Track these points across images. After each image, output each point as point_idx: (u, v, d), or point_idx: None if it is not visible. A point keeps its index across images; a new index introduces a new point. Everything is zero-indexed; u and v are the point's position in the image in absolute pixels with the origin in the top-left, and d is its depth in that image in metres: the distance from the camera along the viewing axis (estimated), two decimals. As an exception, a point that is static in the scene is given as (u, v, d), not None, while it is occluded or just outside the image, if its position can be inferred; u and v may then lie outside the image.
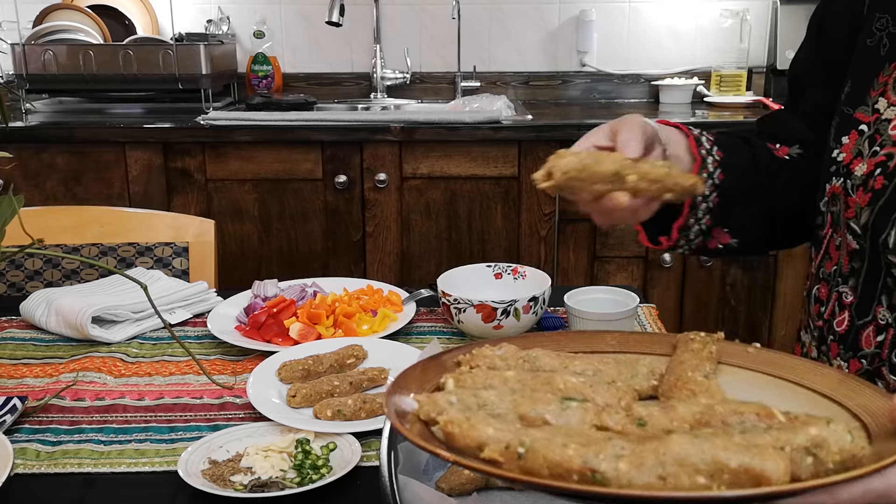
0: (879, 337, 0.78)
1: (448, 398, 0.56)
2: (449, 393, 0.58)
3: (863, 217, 0.78)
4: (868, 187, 0.78)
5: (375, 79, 2.75)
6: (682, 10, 2.77)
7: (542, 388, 0.60)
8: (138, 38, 2.64)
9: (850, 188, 0.80)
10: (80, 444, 0.89)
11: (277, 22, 2.79)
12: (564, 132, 2.17)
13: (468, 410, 0.55)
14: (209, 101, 2.45)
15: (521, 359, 0.66)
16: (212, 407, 0.98)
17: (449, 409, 0.54)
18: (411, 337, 1.18)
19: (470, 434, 0.51)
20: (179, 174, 2.23)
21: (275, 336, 1.15)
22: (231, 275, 2.25)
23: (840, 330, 0.83)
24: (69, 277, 1.56)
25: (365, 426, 0.88)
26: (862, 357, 0.80)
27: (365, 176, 2.23)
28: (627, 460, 0.47)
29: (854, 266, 0.80)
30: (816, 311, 0.87)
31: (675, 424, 0.55)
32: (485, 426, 0.51)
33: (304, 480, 0.79)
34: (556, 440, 0.49)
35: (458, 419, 0.52)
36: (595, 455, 0.48)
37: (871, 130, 0.80)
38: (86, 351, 1.14)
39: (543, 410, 0.55)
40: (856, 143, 0.81)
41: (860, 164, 0.79)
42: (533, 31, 2.79)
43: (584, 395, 0.59)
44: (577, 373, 0.64)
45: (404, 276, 2.29)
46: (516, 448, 0.49)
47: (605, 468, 0.47)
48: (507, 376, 0.62)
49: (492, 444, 0.50)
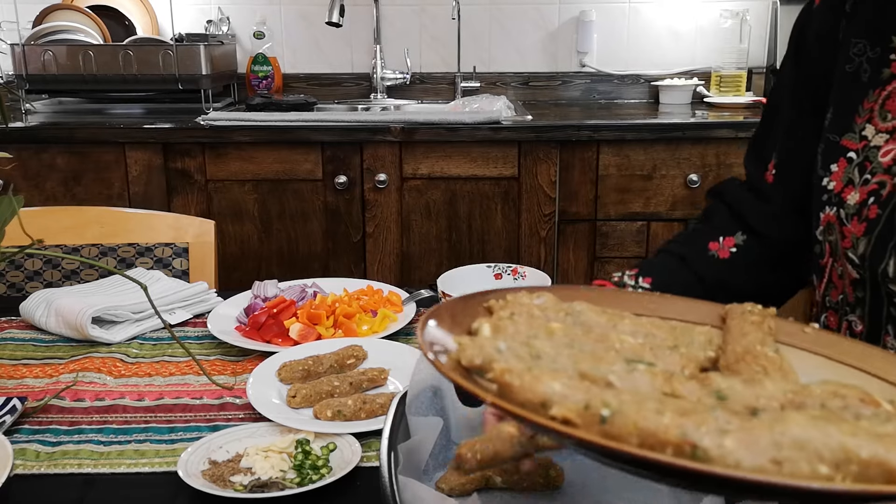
0: None
1: (496, 343, 0.47)
2: (496, 338, 0.49)
3: (860, 247, 0.77)
4: (862, 216, 0.77)
5: (375, 79, 2.75)
6: (681, 10, 2.77)
7: (597, 346, 0.52)
8: (138, 38, 2.65)
9: (845, 217, 0.79)
10: (80, 444, 0.89)
11: (277, 22, 2.79)
12: (564, 132, 2.17)
13: (522, 361, 0.46)
14: (209, 102, 2.45)
15: (564, 311, 0.58)
16: (212, 407, 0.98)
17: (497, 357, 0.46)
18: (411, 337, 1.18)
19: (534, 388, 0.43)
20: (179, 175, 2.23)
21: (275, 336, 1.15)
22: (231, 275, 2.25)
23: None
24: (69, 278, 1.56)
25: (365, 426, 0.88)
26: None
27: (365, 176, 2.23)
28: (735, 437, 0.39)
29: (858, 296, 0.79)
30: None
31: (763, 402, 0.46)
32: (551, 380, 0.43)
33: (304, 481, 0.79)
34: (648, 404, 0.41)
35: (518, 368, 0.44)
36: (696, 427, 0.40)
37: (860, 158, 0.79)
38: (86, 351, 1.14)
39: (608, 370, 0.46)
40: (845, 171, 0.80)
41: (852, 192, 0.78)
42: (533, 31, 2.79)
43: (647, 359, 0.51)
44: (629, 333, 0.56)
45: (404, 277, 2.29)
46: (598, 410, 0.41)
47: (709, 444, 0.39)
48: (554, 328, 0.54)
49: (565, 403, 0.42)
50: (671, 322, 0.60)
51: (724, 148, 2.21)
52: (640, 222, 2.27)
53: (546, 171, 2.18)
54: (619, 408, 0.41)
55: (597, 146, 2.20)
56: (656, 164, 2.22)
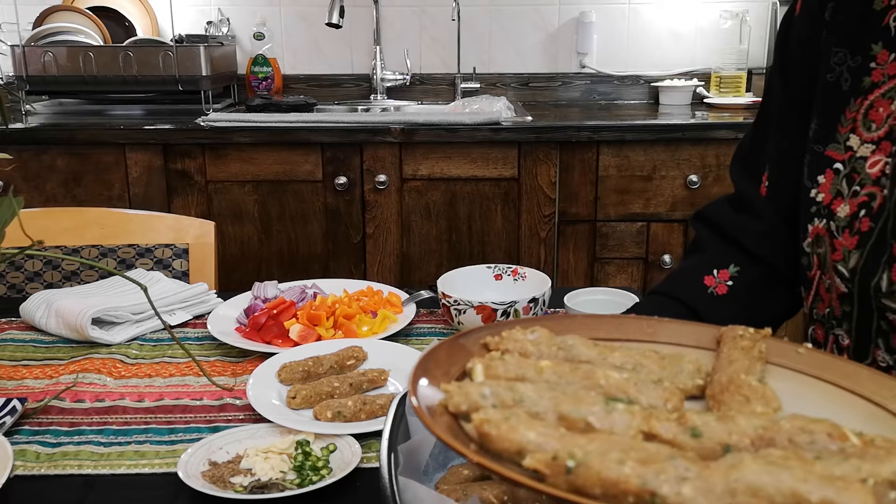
0: None
1: (481, 390, 0.51)
2: (481, 384, 0.52)
3: (851, 260, 0.76)
4: (854, 229, 0.75)
5: (375, 80, 2.76)
6: (681, 11, 2.77)
7: (582, 383, 0.55)
8: (138, 39, 2.65)
9: (836, 230, 0.78)
10: (80, 445, 0.89)
11: (277, 23, 2.79)
12: (564, 133, 2.17)
13: (504, 407, 0.50)
14: (209, 103, 2.45)
15: (556, 346, 0.60)
16: (212, 408, 0.98)
17: (482, 403, 0.49)
18: (411, 338, 1.18)
19: (510, 437, 0.46)
20: (179, 176, 2.23)
21: (275, 337, 1.15)
22: (231, 276, 2.26)
23: None
24: (69, 279, 1.56)
25: (365, 427, 0.88)
26: None
27: (365, 177, 2.23)
28: (692, 485, 0.42)
29: (845, 310, 0.78)
30: None
31: (735, 438, 0.49)
32: (527, 429, 0.46)
33: (304, 482, 0.79)
34: (611, 455, 0.44)
35: (496, 419, 0.47)
36: (656, 475, 0.43)
37: (847, 169, 0.78)
38: (86, 352, 1.14)
39: (587, 412, 0.50)
40: (833, 183, 0.79)
41: (842, 204, 0.77)
42: (533, 32, 2.79)
43: (629, 395, 0.54)
44: (618, 366, 0.59)
45: (404, 278, 2.29)
46: (565, 460, 0.44)
47: (667, 492, 0.42)
48: (543, 366, 0.57)
49: (536, 453, 0.45)
50: (662, 350, 0.62)
51: (724, 149, 2.21)
52: (640, 223, 2.27)
53: (546, 172, 2.18)
54: (584, 458, 0.44)
55: (597, 147, 2.20)
56: (656, 165, 2.22)
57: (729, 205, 0.95)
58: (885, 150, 0.74)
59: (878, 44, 0.77)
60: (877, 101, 0.76)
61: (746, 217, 0.92)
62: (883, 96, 0.76)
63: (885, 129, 0.75)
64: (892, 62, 0.75)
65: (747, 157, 0.95)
